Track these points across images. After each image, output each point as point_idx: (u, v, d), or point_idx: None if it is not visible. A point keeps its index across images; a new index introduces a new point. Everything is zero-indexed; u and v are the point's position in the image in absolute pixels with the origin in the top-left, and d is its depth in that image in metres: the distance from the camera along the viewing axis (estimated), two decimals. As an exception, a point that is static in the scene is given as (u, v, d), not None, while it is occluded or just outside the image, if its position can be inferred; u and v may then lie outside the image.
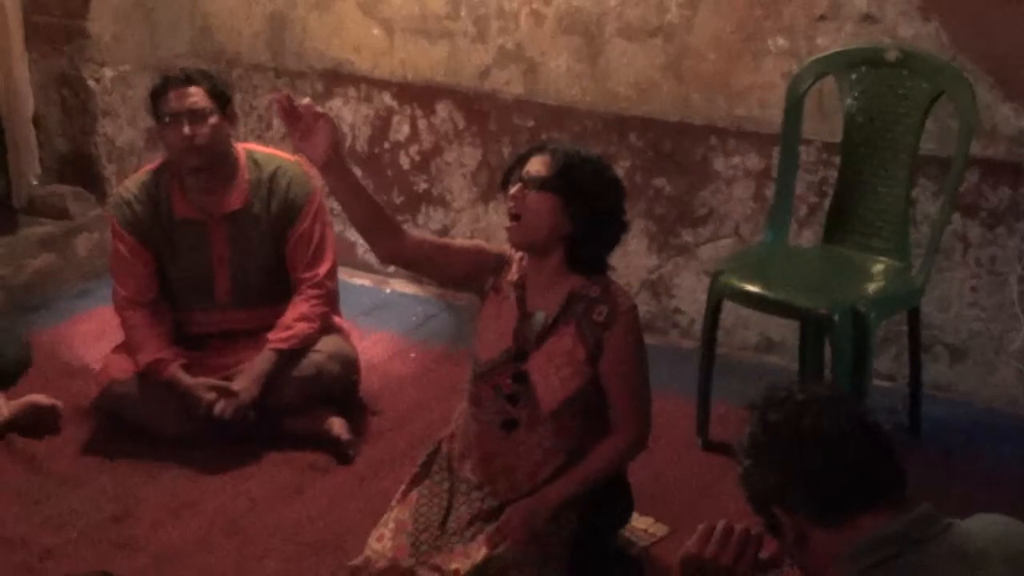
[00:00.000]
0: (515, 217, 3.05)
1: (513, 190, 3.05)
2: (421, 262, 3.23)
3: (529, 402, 3.11)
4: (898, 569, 1.95)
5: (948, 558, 1.98)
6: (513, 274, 3.16)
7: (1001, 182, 3.94)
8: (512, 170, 3.10)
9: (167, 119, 3.83)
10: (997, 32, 3.85)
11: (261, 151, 4.07)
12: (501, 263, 3.20)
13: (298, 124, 2.97)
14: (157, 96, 3.87)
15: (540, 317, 3.10)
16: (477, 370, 3.19)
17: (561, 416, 3.10)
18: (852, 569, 1.98)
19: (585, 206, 3.01)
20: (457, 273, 3.24)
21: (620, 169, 4.51)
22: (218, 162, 3.89)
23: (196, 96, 3.81)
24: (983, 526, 2.06)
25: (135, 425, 3.89)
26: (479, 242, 3.29)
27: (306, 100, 2.98)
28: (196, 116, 3.80)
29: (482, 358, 3.18)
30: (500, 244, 3.24)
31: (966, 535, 2.02)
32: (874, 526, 2.00)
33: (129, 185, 4.01)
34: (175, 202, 3.92)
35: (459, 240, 3.28)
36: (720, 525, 2.18)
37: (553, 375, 3.08)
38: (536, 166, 3.04)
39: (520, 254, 3.16)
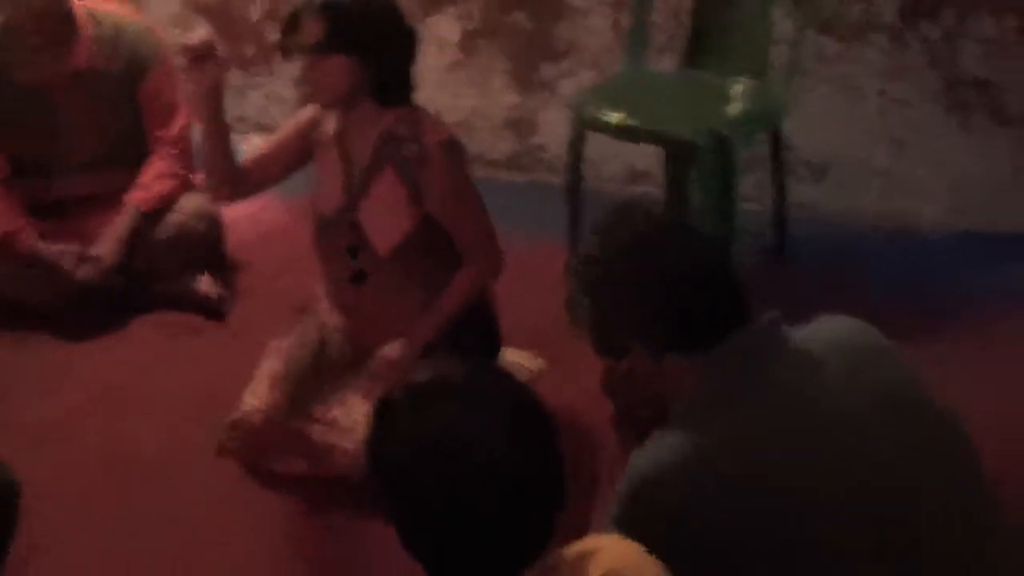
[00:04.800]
0: (313, 86, 3.01)
1: (302, 66, 2.99)
2: (262, 184, 3.26)
3: (369, 251, 3.09)
4: (742, 382, 1.97)
5: (789, 363, 2.01)
6: (331, 125, 3.12)
7: (856, -4, 3.95)
8: (286, 37, 3.03)
9: None
10: None
11: (101, 8, 3.91)
12: (318, 118, 3.15)
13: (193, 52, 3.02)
14: (-13, -46, 3.70)
15: (360, 166, 3.07)
16: (318, 227, 3.17)
17: (403, 258, 3.07)
18: (696, 392, 2.00)
19: (370, 47, 2.95)
20: (294, 162, 3.22)
21: (475, 6, 4.45)
22: (57, 24, 3.74)
23: None
24: (824, 328, 2.09)
25: (-2, 300, 3.80)
26: (292, 120, 3.25)
27: (205, 34, 3.05)
28: None
29: (320, 214, 3.16)
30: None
31: (807, 339, 2.05)
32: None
33: (-35, 54, 3.85)
34: (16, 67, 3.77)
35: (277, 133, 3.23)
36: None
37: (383, 221, 3.05)
38: (309, 32, 2.95)
39: None
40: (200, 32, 3.09)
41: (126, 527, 3.05)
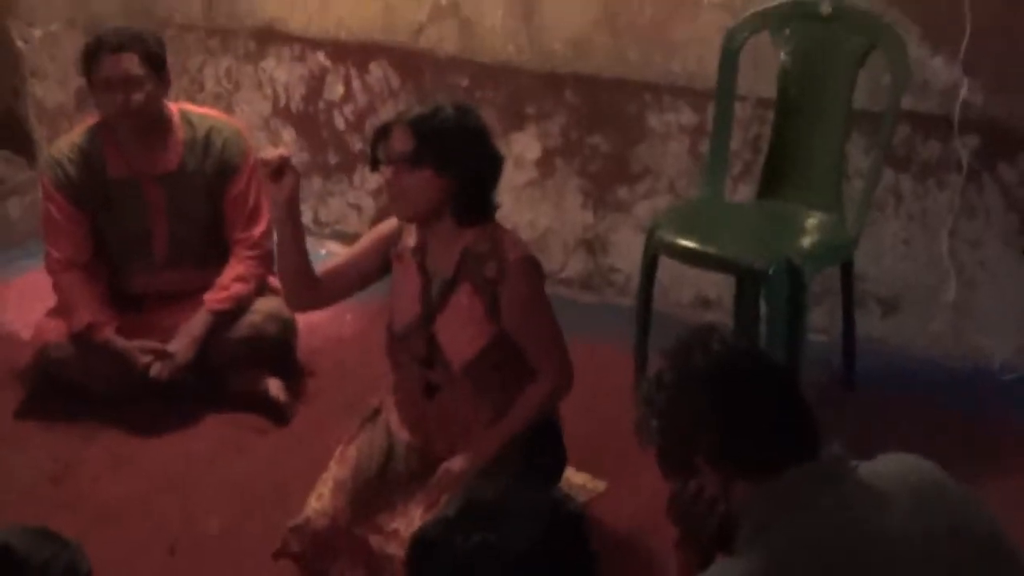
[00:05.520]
0: (395, 198, 3.06)
1: (386, 174, 3.04)
2: (338, 294, 3.29)
3: (443, 364, 3.12)
4: (807, 513, 1.98)
5: (855, 496, 2.01)
6: (411, 239, 3.17)
7: (932, 135, 3.97)
8: (376, 147, 3.08)
9: (100, 85, 3.79)
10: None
11: (195, 111, 4.04)
12: (398, 232, 3.20)
13: (270, 167, 3.09)
14: (89, 59, 3.81)
15: (439, 280, 3.11)
16: (392, 338, 3.21)
17: (476, 373, 3.10)
18: (761, 519, 2.00)
19: (457, 164, 3.00)
20: (372, 274, 3.25)
21: (555, 126, 4.53)
22: (152, 124, 3.85)
23: (130, 63, 3.76)
24: (890, 465, 2.10)
25: (71, 387, 3.87)
26: (373, 233, 3.29)
27: (282, 150, 3.12)
28: (130, 83, 3.76)
29: (396, 326, 3.19)
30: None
31: (873, 474, 2.05)
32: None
33: (62, 145, 3.96)
34: (109, 162, 3.88)
35: (357, 244, 3.29)
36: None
37: (459, 335, 3.08)
38: (398, 143, 3.01)
39: None
40: (278, 148, 3.18)
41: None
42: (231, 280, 3.92)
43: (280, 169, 3.06)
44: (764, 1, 3.97)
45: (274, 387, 3.90)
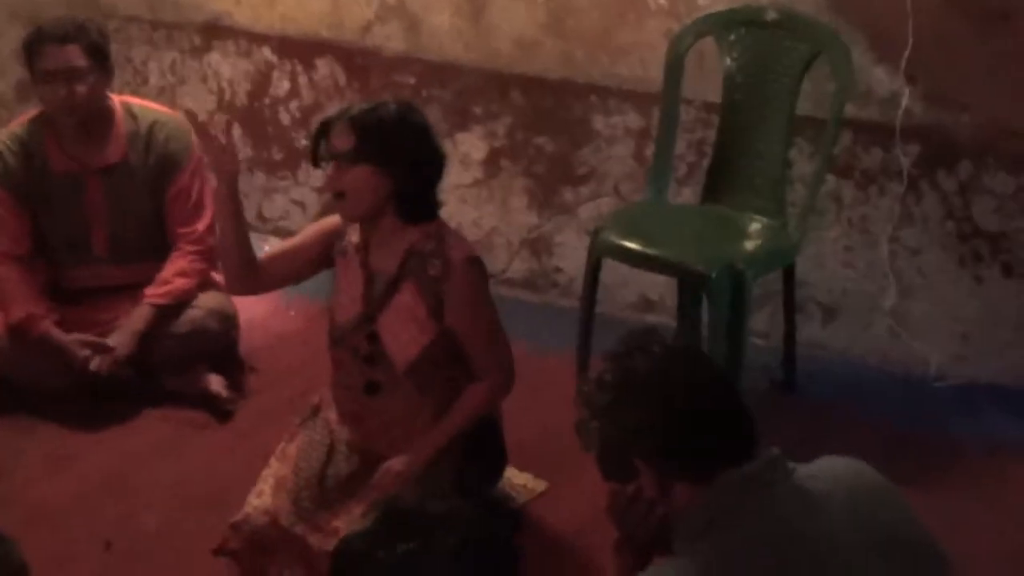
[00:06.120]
0: (338, 195, 3.05)
1: (328, 171, 3.04)
2: (277, 281, 3.30)
3: (385, 362, 3.12)
4: (744, 515, 2.00)
5: (792, 499, 2.03)
6: (354, 236, 3.16)
7: (874, 143, 4.01)
8: (317, 145, 3.08)
9: (43, 77, 3.75)
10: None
11: (138, 104, 4.01)
12: (342, 227, 3.19)
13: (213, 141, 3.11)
14: (31, 50, 3.78)
15: (382, 278, 3.11)
16: (334, 335, 3.20)
17: (419, 371, 3.11)
18: (698, 522, 2.02)
19: (398, 161, 3.01)
20: (312, 266, 3.25)
21: (501, 126, 4.54)
22: (95, 117, 3.83)
23: (73, 54, 3.73)
24: (827, 467, 2.12)
25: (8, 381, 3.83)
26: (317, 224, 3.29)
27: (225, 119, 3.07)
28: (73, 75, 3.73)
29: (337, 323, 3.19)
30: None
31: (810, 477, 2.07)
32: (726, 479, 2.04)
33: (2, 136, 3.92)
34: (50, 154, 3.85)
35: (300, 234, 3.28)
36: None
37: (402, 333, 3.09)
38: (340, 140, 3.01)
39: None
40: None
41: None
42: (173, 275, 3.89)
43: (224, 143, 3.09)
44: (709, 6, 4.01)
45: (215, 383, 3.88)
